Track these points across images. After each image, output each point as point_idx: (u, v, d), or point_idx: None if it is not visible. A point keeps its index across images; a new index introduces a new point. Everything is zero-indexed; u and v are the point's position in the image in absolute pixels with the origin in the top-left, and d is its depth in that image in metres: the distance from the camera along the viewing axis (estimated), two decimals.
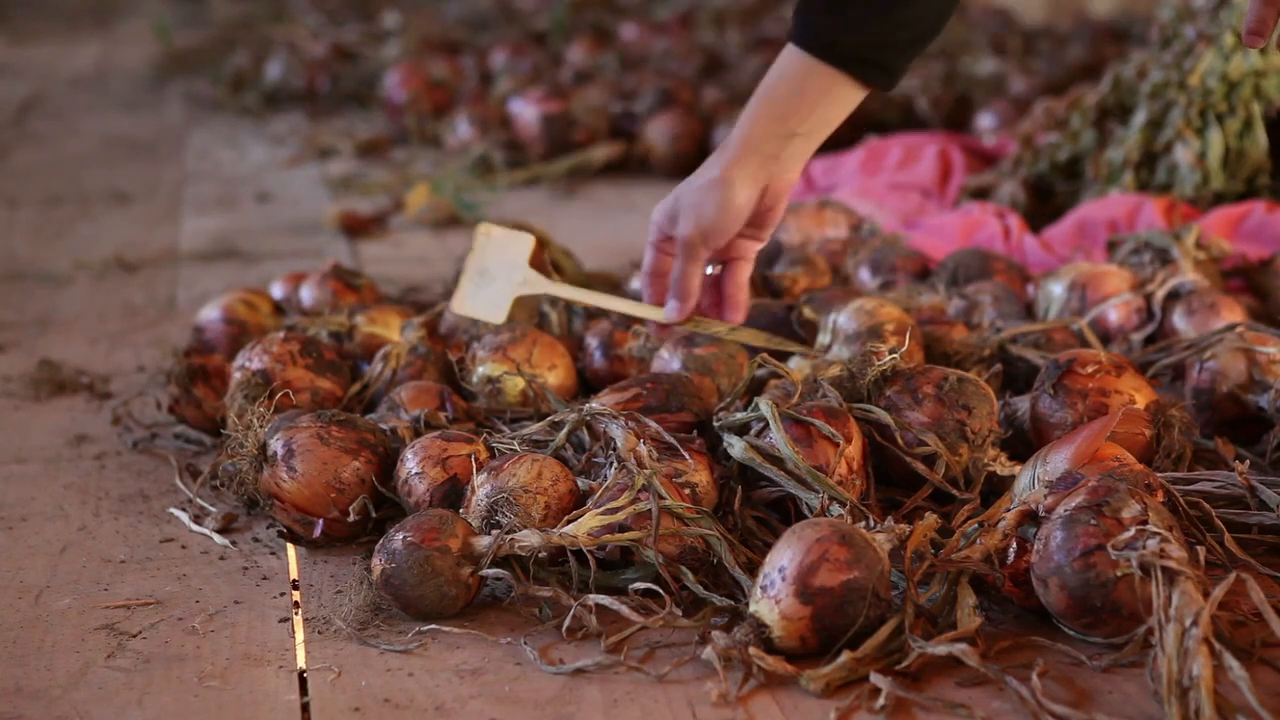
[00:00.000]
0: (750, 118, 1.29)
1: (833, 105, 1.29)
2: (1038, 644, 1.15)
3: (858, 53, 1.26)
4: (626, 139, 3.13)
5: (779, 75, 1.29)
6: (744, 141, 1.29)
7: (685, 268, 1.33)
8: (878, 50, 1.27)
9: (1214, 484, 1.33)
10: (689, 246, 1.32)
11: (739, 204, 1.29)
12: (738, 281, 1.36)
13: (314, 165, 3.23)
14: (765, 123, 1.28)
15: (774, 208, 1.33)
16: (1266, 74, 2.27)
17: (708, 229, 1.30)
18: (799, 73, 1.28)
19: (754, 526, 1.31)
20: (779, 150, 1.29)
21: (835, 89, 1.28)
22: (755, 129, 1.29)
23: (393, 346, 1.62)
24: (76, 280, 2.34)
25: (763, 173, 1.29)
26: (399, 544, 1.21)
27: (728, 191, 1.29)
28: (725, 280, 1.36)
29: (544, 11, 4.86)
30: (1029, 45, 4.09)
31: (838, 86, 1.28)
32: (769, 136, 1.28)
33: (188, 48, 4.80)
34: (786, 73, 1.29)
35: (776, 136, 1.28)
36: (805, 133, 1.29)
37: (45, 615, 1.25)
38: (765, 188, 1.31)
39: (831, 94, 1.28)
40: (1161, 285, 1.77)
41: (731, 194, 1.29)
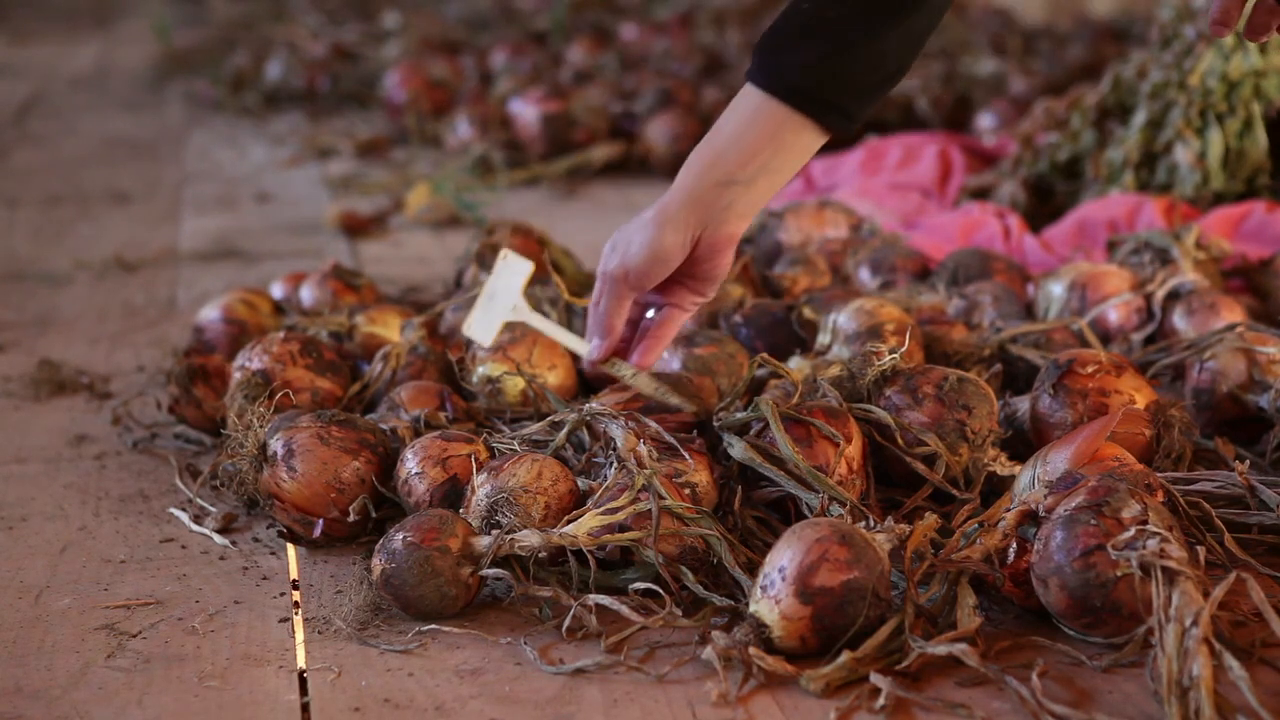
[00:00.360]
0: (693, 162, 1.24)
1: (779, 151, 1.22)
2: (1038, 644, 1.15)
3: (815, 91, 1.20)
4: (626, 139, 3.13)
5: (728, 116, 1.23)
6: (680, 186, 1.24)
7: (607, 304, 1.28)
8: (836, 91, 1.21)
9: (1214, 484, 1.33)
10: (613, 283, 1.27)
11: (665, 248, 1.24)
12: (665, 325, 1.30)
13: (314, 165, 3.23)
14: (704, 168, 1.23)
15: (713, 260, 1.26)
16: (1266, 74, 2.27)
17: (631, 269, 1.25)
18: (751, 113, 1.22)
19: (754, 526, 1.31)
20: (714, 198, 1.23)
21: (786, 132, 1.21)
22: (693, 174, 1.24)
23: (393, 346, 1.62)
24: (76, 280, 2.33)
25: (694, 219, 1.23)
26: (399, 544, 1.21)
27: (656, 234, 1.24)
28: (655, 322, 1.31)
29: (544, 11, 4.86)
30: (1029, 45, 4.10)
31: (790, 129, 1.21)
32: (707, 184, 1.23)
33: (188, 48, 4.80)
34: (735, 113, 1.23)
35: (714, 183, 1.22)
36: (745, 180, 1.22)
37: (45, 615, 1.25)
38: (698, 237, 1.24)
39: (781, 138, 1.21)
40: (1161, 285, 1.77)
41: (659, 237, 1.23)
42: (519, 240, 1.97)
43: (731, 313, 1.71)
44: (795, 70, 1.20)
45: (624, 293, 1.27)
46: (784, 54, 1.20)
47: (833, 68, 1.19)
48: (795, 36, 1.20)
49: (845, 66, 1.20)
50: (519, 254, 1.45)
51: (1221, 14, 1.21)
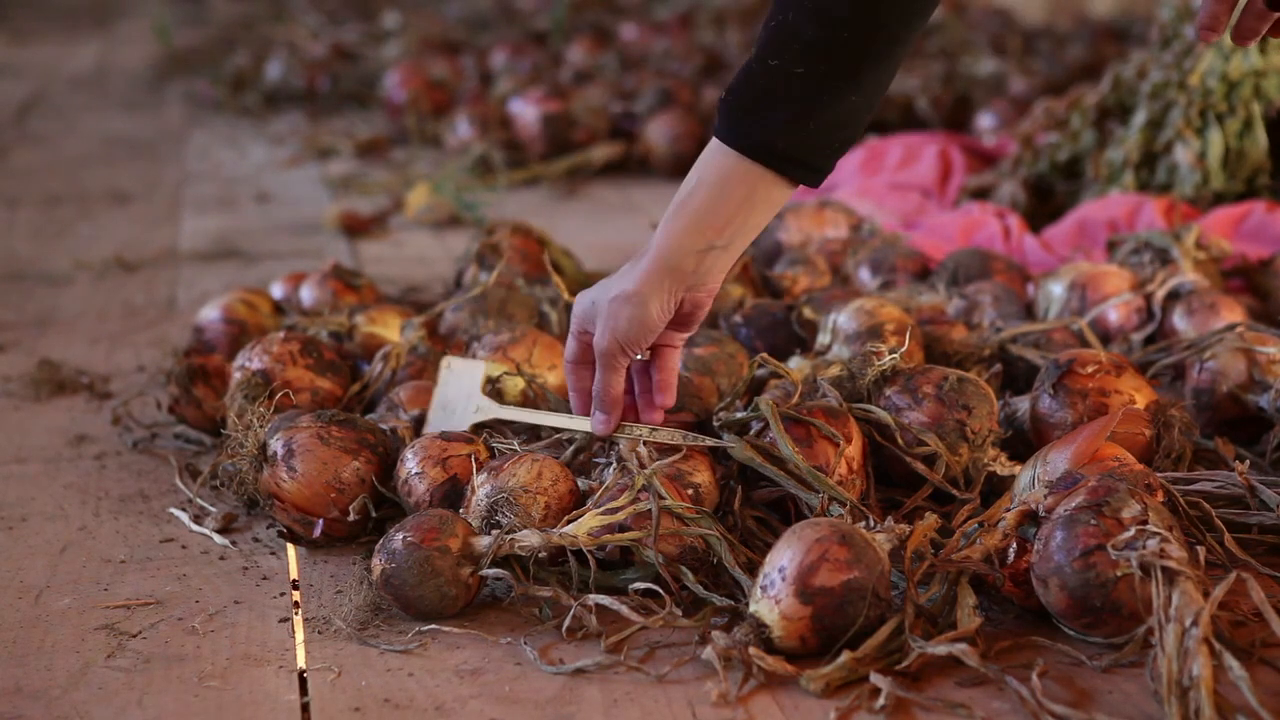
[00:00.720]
0: (669, 228, 1.24)
1: (754, 210, 1.23)
2: (1038, 644, 1.15)
3: (788, 152, 1.21)
4: (626, 139, 3.14)
5: (700, 179, 1.24)
6: (660, 256, 1.24)
7: (605, 376, 1.29)
8: (809, 150, 1.22)
9: (1214, 484, 1.33)
10: (607, 356, 1.28)
11: (653, 320, 1.25)
12: (667, 366, 1.32)
13: (314, 165, 3.23)
14: (683, 235, 1.23)
15: (696, 312, 1.28)
16: (1266, 74, 2.27)
17: (624, 341, 1.26)
18: (723, 175, 1.22)
19: (754, 526, 1.31)
20: (695, 265, 1.24)
21: (760, 192, 1.22)
22: (672, 243, 1.24)
23: (393, 346, 1.62)
24: (76, 280, 2.34)
25: (679, 287, 1.25)
26: (399, 544, 1.21)
27: (643, 308, 1.25)
28: (654, 366, 1.32)
29: (544, 11, 4.86)
30: (1029, 45, 4.10)
31: (762, 188, 1.22)
32: (687, 252, 1.24)
33: (188, 48, 4.81)
34: (707, 177, 1.23)
35: (693, 251, 1.24)
36: (724, 244, 1.24)
37: (45, 615, 1.25)
38: (683, 299, 1.26)
39: (755, 198, 1.22)
40: (1161, 285, 1.77)
41: (646, 311, 1.25)
42: (519, 240, 1.97)
43: (731, 313, 1.71)
44: (768, 131, 1.21)
45: (619, 363, 1.29)
46: (754, 114, 1.21)
47: (804, 127, 1.21)
48: (764, 96, 1.21)
49: (816, 126, 1.21)
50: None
51: (1209, 19, 1.21)
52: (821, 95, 1.20)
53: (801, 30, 1.18)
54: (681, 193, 1.25)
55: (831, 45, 1.18)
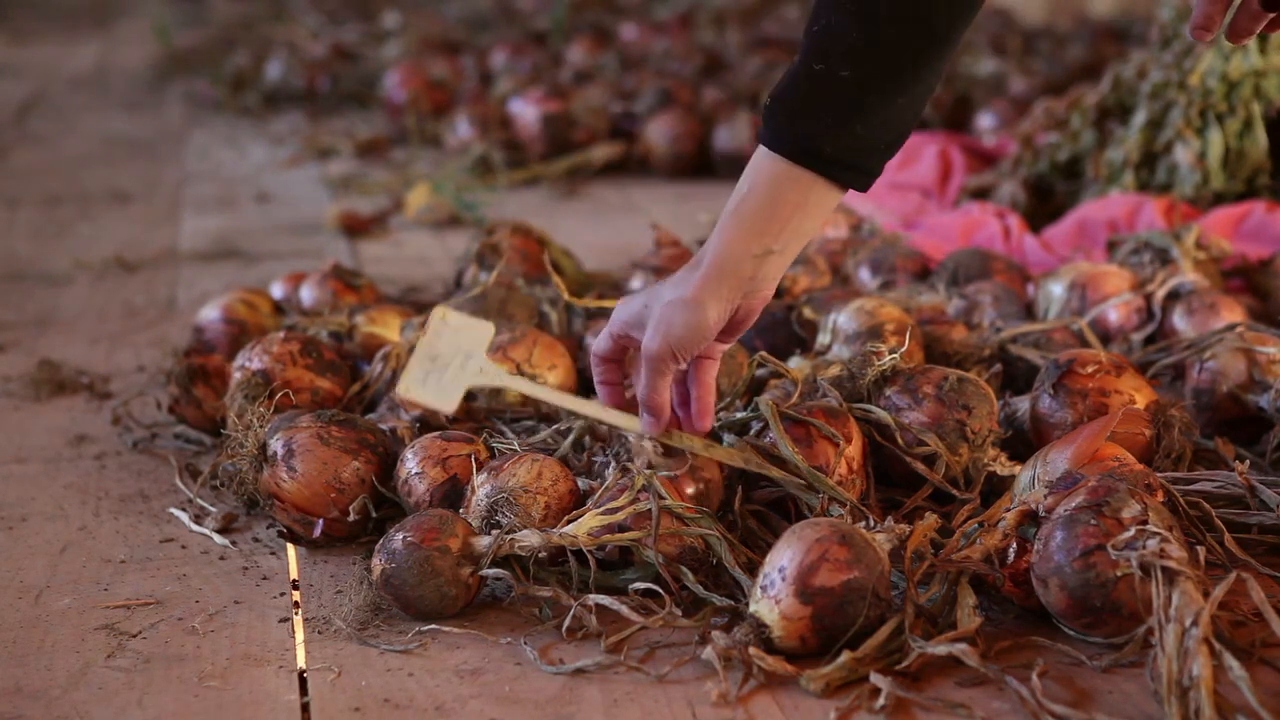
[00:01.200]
0: (724, 234, 1.24)
1: (809, 215, 1.23)
2: (1038, 644, 1.15)
3: (837, 155, 1.21)
4: (626, 139, 3.13)
5: (752, 185, 1.23)
6: (718, 262, 1.23)
7: (652, 380, 1.27)
8: (858, 153, 1.22)
9: (1214, 484, 1.33)
10: (657, 360, 1.26)
11: (709, 326, 1.24)
12: (704, 383, 1.30)
13: (314, 165, 3.23)
14: (740, 242, 1.23)
15: (746, 319, 1.28)
16: (1266, 74, 2.27)
17: (676, 347, 1.25)
18: (774, 182, 1.22)
19: (754, 526, 1.31)
20: (754, 271, 1.23)
21: (813, 196, 1.22)
22: (730, 249, 1.23)
23: (393, 346, 1.62)
24: (76, 280, 2.34)
25: (737, 294, 1.24)
26: (399, 544, 1.21)
27: (700, 313, 1.23)
28: (692, 381, 1.31)
29: (544, 11, 4.86)
30: (1029, 45, 4.10)
31: (815, 193, 1.22)
32: (743, 257, 1.23)
33: (188, 48, 4.81)
34: (760, 183, 1.23)
35: (750, 256, 1.23)
36: (780, 249, 1.23)
37: (45, 615, 1.25)
38: (739, 306, 1.26)
39: (808, 203, 1.22)
40: (1161, 285, 1.77)
41: (703, 316, 1.24)
42: (519, 240, 1.97)
43: None
44: (815, 137, 1.20)
45: (668, 369, 1.27)
46: (801, 120, 1.21)
47: (851, 131, 1.20)
48: (810, 101, 1.20)
49: (864, 129, 1.20)
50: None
51: (1203, 19, 1.21)
52: (867, 98, 1.19)
53: (845, 34, 1.18)
54: (734, 199, 1.24)
55: (876, 48, 1.18)
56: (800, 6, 4.92)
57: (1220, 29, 1.22)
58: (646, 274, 1.91)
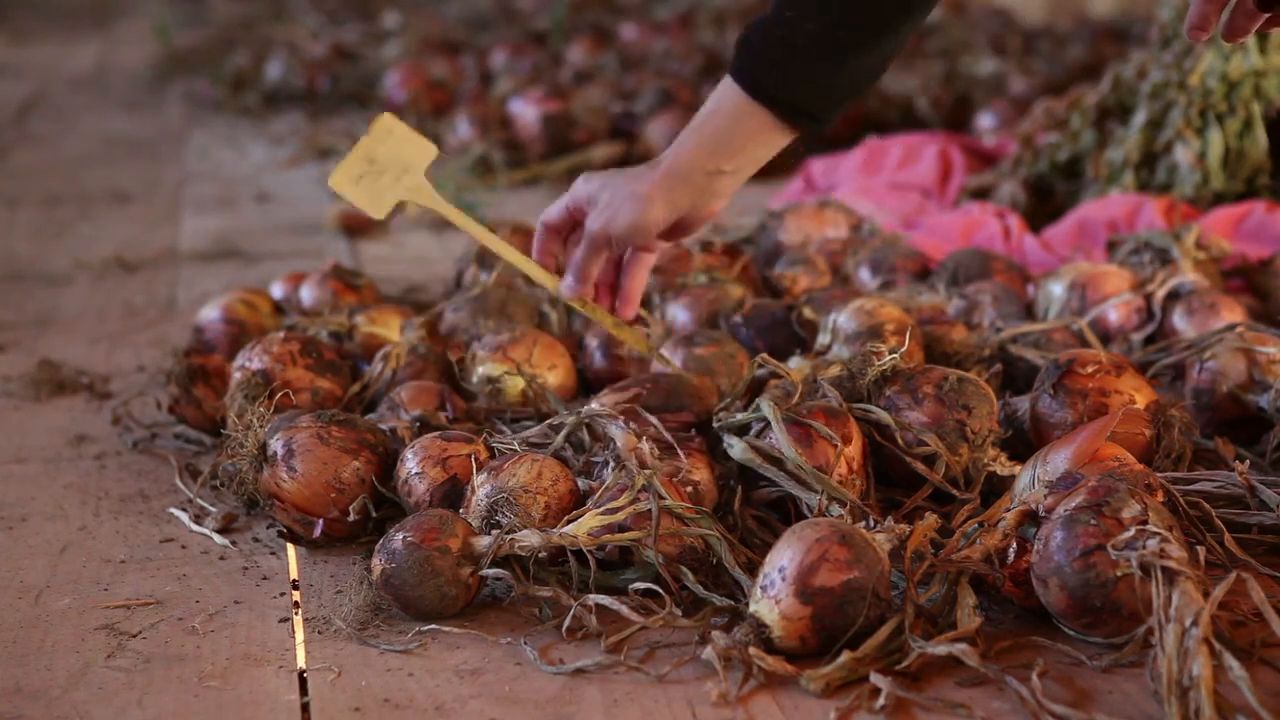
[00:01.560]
0: (684, 145, 1.34)
1: (762, 146, 1.34)
2: (1038, 644, 1.15)
3: (793, 100, 1.31)
4: (626, 139, 3.13)
5: (716, 108, 1.34)
6: (673, 167, 1.34)
7: (587, 254, 1.38)
8: (810, 101, 1.32)
9: (1214, 484, 1.33)
10: (594, 240, 1.36)
11: (652, 222, 1.34)
12: (636, 275, 1.40)
13: (314, 165, 3.23)
14: (696, 154, 1.33)
15: (691, 228, 1.38)
16: (1266, 74, 2.27)
17: (616, 234, 1.35)
18: (736, 111, 1.33)
19: (754, 526, 1.31)
20: (706, 184, 1.34)
21: (767, 131, 1.33)
22: (687, 159, 1.34)
23: (393, 346, 1.62)
24: (76, 280, 2.34)
25: (685, 200, 1.34)
26: (399, 544, 1.21)
27: (646, 209, 1.33)
28: (625, 272, 1.40)
29: (544, 11, 4.86)
30: (1029, 45, 4.10)
31: (770, 129, 1.33)
32: (698, 169, 1.33)
33: (188, 48, 4.80)
34: (724, 108, 1.33)
35: (705, 171, 1.33)
36: (732, 170, 1.34)
37: (45, 615, 1.25)
38: (685, 213, 1.36)
39: (763, 135, 1.33)
40: (1161, 285, 1.77)
41: (649, 212, 1.34)
42: (519, 240, 1.97)
43: (731, 313, 1.71)
44: (776, 79, 1.31)
45: (603, 250, 1.37)
46: (769, 63, 1.31)
47: (812, 81, 1.30)
48: (778, 45, 1.30)
49: (825, 80, 1.30)
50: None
51: (1199, 19, 1.22)
52: (829, 51, 1.29)
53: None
54: (697, 117, 1.35)
55: (844, 5, 1.27)
56: None
57: (1216, 28, 1.22)
58: None
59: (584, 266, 1.38)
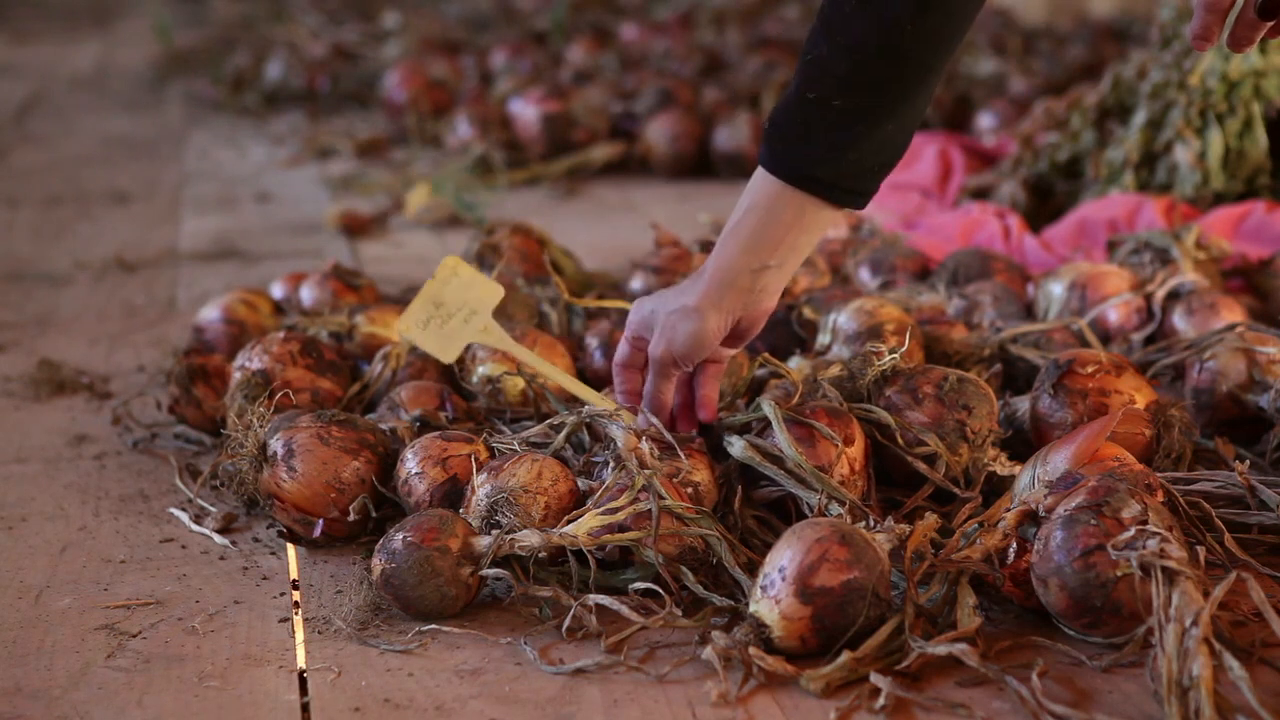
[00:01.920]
0: (725, 249, 1.30)
1: (805, 232, 1.29)
2: (1038, 644, 1.15)
3: (831, 180, 1.27)
4: (626, 139, 3.13)
5: (751, 203, 1.30)
6: (718, 274, 1.30)
7: (657, 383, 1.34)
8: (851, 177, 1.28)
9: (1214, 484, 1.33)
10: (661, 365, 1.33)
11: (710, 335, 1.31)
12: (709, 384, 1.36)
13: (314, 165, 3.23)
14: (738, 256, 1.29)
15: (751, 330, 1.34)
16: (1266, 74, 2.27)
17: (678, 355, 1.31)
18: (771, 201, 1.28)
19: (754, 526, 1.31)
20: (752, 284, 1.30)
21: (807, 216, 1.28)
22: (729, 263, 1.29)
23: (393, 346, 1.62)
24: (76, 280, 2.34)
25: (737, 305, 1.30)
26: (399, 544, 1.21)
27: (700, 323, 1.30)
28: (698, 380, 1.37)
29: (544, 11, 4.86)
30: (1029, 45, 4.10)
31: (810, 213, 1.28)
32: (742, 271, 1.29)
33: (188, 48, 4.81)
34: (758, 202, 1.29)
35: (749, 270, 1.29)
36: (778, 264, 1.30)
37: (45, 615, 1.25)
38: (740, 317, 1.32)
39: (803, 222, 1.29)
40: (1161, 285, 1.77)
41: (704, 326, 1.30)
42: (519, 240, 1.97)
43: None
44: (809, 161, 1.27)
45: (671, 374, 1.33)
46: (797, 145, 1.27)
47: (843, 157, 1.26)
48: (804, 128, 1.26)
49: (855, 154, 1.26)
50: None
51: (1202, 29, 1.22)
52: (858, 125, 1.25)
53: (835, 65, 1.24)
54: (734, 217, 1.31)
55: (864, 79, 1.24)
56: (800, 6, 4.92)
57: (1220, 38, 1.23)
58: (647, 274, 1.91)
59: (656, 396, 1.34)
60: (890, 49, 1.22)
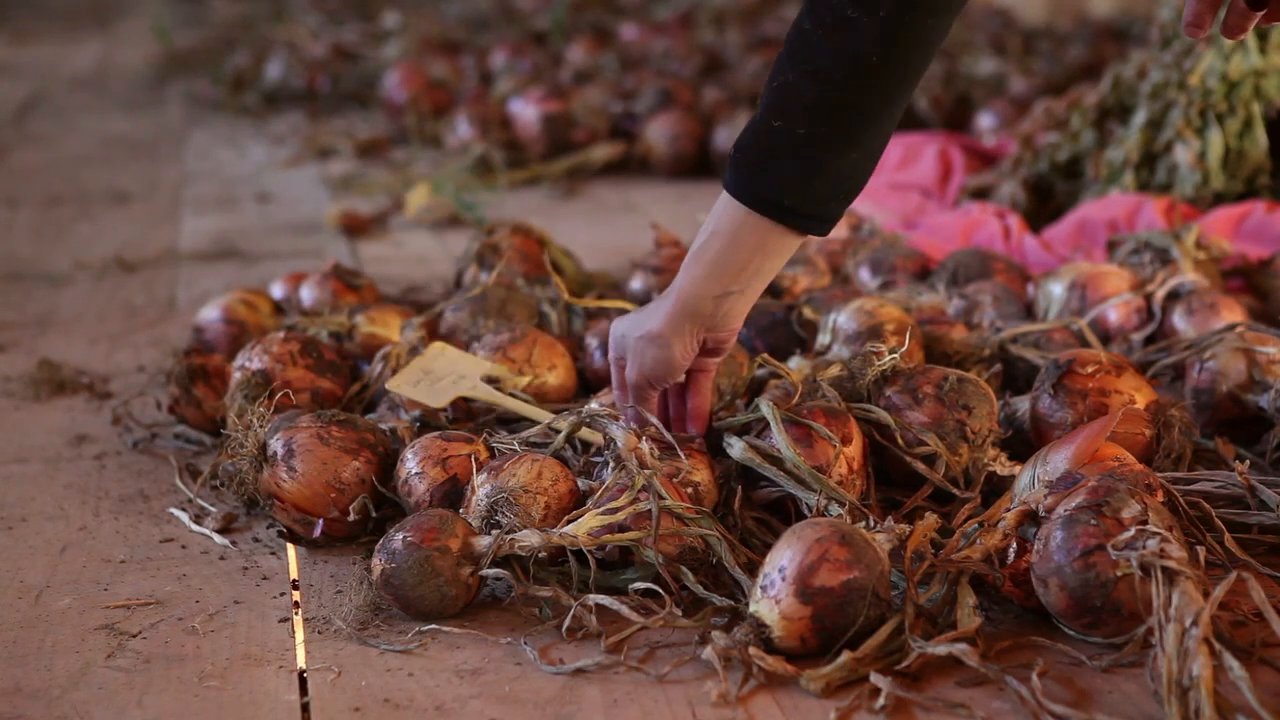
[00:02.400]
0: (689, 273, 1.31)
1: (768, 258, 1.29)
2: (1038, 644, 1.15)
3: (795, 207, 1.27)
4: (626, 139, 3.13)
5: (715, 229, 1.30)
6: (680, 299, 1.31)
7: (639, 405, 1.35)
8: (815, 204, 1.28)
9: (1214, 484, 1.33)
10: (637, 389, 1.34)
11: (676, 360, 1.32)
12: (700, 392, 1.37)
13: (314, 165, 3.23)
14: (702, 282, 1.30)
15: (720, 347, 1.35)
16: (1266, 74, 2.27)
17: (651, 377, 1.33)
18: (736, 228, 1.28)
19: (754, 526, 1.31)
20: (715, 309, 1.30)
21: (771, 242, 1.29)
22: (692, 289, 1.30)
23: (393, 346, 1.62)
24: (76, 280, 2.34)
25: (700, 329, 1.31)
26: (399, 544, 1.21)
27: (666, 349, 1.31)
28: (689, 391, 1.38)
29: (544, 11, 4.86)
30: (1029, 45, 4.10)
31: (774, 239, 1.29)
32: (705, 297, 1.30)
33: (188, 48, 4.81)
34: (722, 228, 1.29)
35: (711, 297, 1.30)
36: (740, 289, 1.30)
37: (45, 615, 1.25)
38: (704, 339, 1.33)
39: (767, 247, 1.29)
40: (1161, 285, 1.77)
41: (670, 351, 1.31)
42: (519, 240, 1.97)
43: None
44: (774, 188, 1.27)
45: (649, 394, 1.35)
46: (761, 171, 1.27)
47: (808, 184, 1.26)
48: (770, 155, 1.26)
49: (820, 182, 1.26)
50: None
51: (1194, 17, 1.22)
52: (824, 154, 1.25)
53: (802, 93, 1.24)
54: (698, 241, 1.31)
55: (831, 107, 1.24)
56: (800, 7, 4.92)
57: (1214, 26, 1.23)
58: (646, 274, 1.91)
59: (639, 417, 1.35)
60: (856, 79, 1.22)
